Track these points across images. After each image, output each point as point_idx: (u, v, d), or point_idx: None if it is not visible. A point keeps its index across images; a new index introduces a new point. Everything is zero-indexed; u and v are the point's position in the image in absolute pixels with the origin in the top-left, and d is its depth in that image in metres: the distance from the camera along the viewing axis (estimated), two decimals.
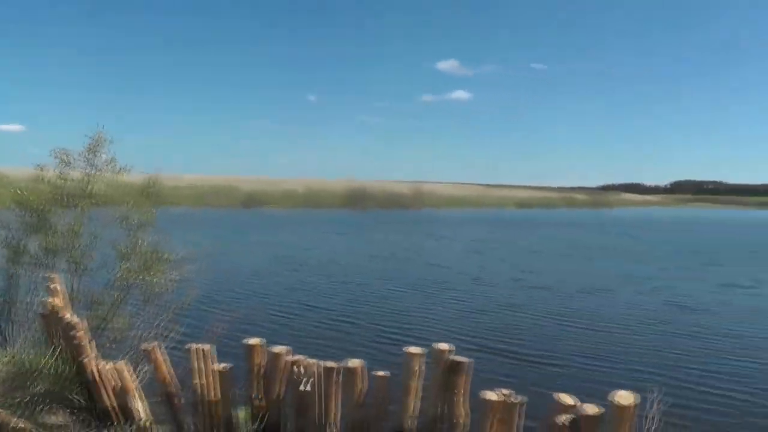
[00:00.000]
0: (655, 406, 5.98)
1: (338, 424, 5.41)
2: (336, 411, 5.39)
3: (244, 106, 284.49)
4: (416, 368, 5.06)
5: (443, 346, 4.95)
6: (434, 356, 4.96)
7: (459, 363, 4.87)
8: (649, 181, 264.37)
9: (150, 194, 9.74)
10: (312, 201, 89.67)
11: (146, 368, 6.88)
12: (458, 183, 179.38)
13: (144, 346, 6.38)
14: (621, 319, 17.67)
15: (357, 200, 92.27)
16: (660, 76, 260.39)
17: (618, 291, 22.81)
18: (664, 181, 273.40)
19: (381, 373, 5.26)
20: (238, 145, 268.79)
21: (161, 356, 6.09)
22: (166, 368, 6.07)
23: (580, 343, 14.75)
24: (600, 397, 4.15)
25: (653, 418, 5.71)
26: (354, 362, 5.33)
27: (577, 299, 20.67)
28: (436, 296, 20.74)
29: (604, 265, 31.21)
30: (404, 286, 22.58)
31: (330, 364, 5.41)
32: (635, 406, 3.93)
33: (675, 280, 25.93)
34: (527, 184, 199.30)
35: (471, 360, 4.93)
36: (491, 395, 4.43)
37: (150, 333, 8.30)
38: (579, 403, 4.09)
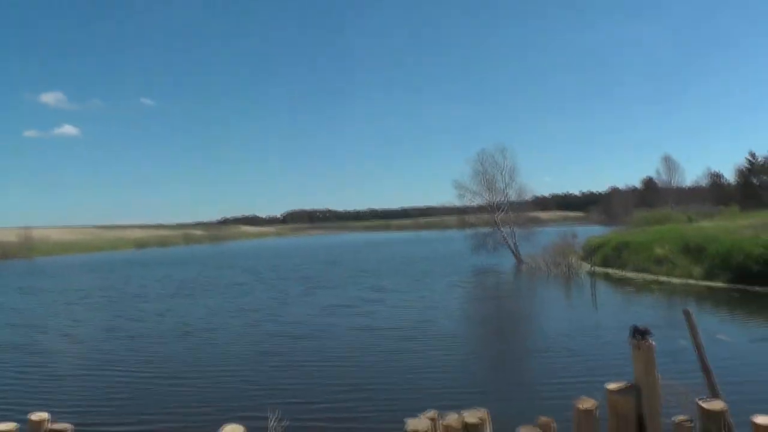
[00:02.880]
0: (274, 423, 6.71)
1: None
2: None
3: None
4: None
5: (40, 415, 4.29)
6: (31, 428, 4.28)
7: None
8: (264, 213, 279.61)
9: None
10: None
11: None
12: (71, 227, 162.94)
13: None
14: (222, 352, 17.41)
15: None
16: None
17: (220, 326, 22.15)
18: (278, 212, 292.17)
19: None
20: None
21: None
22: None
23: (188, 384, 13.81)
24: None
25: None
26: None
27: (181, 342, 19.28)
28: (19, 360, 17.32)
29: (212, 300, 30.17)
30: None
31: None
32: None
33: (285, 305, 26.87)
34: (144, 222, 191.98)
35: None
36: None
37: None
38: None
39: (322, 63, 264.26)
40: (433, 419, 4.23)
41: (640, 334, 5.26)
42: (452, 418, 4.19)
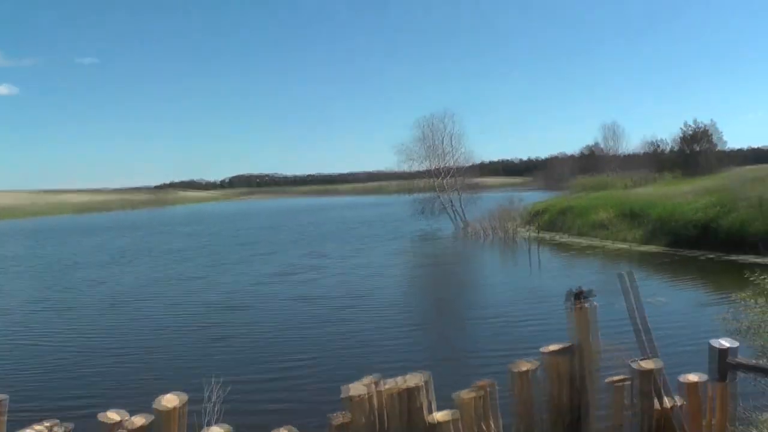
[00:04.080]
0: (214, 395, 6.82)
1: None
2: None
3: None
4: None
5: None
6: None
7: None
8: (207, 178, 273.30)
9: None
10: None
11: None
12: (7, 190, 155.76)
13: None
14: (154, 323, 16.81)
15: None
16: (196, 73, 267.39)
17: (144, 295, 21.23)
18: (221, 177, 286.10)
19: None
20: None
21: None
22: None
23: (122, 356, 13.31)
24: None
25: (214, 406, 6.54)
26: None
27: (114, 313, 18.39)
28: None
29: (148, 268, 28.68)
30: None
31: None
32: (182, 406, 3.91)
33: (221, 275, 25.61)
34: (84, 187, 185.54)
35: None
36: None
37: None
38: (127, 417, 3.90)
39: (264, 21, 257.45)
40: (371, 384, 4.15)
41: (576, 297, 5.39)
42: (391, 383, 4.17)
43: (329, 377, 10.71)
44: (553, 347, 4.62)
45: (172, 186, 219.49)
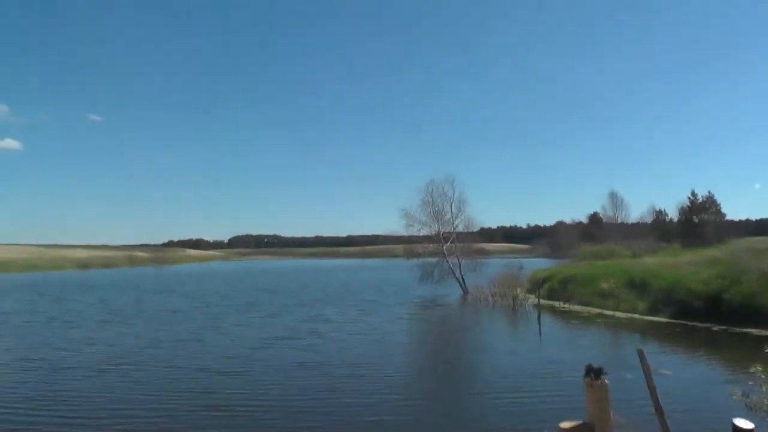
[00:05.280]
0: None
1: None
2: None
3: None
4: None
5: None
6: None
7: None
8: (211, 237, 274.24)
9: None
10: None
11: None
12: (11, 244, 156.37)
13: None
14: None
15: None
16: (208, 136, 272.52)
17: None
18: (225, 236, 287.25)
19: None
20: None
21: None
22: None
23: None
24: None
25: None
26: None
27: (102, 377, 18.03)
28: None
29: (144, 329, 29.08)
30: None
31: None
32: None
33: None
34: (88, 243, 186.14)
35: None
36: None
37: None
38: None
39: (272, 87, 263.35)
40: None
41: (594, 373, 5.44)
42: None
43: None
44: (569, 424, 4.55)
45: (176, 244, 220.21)
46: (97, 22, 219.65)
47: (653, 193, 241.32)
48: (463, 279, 43.86)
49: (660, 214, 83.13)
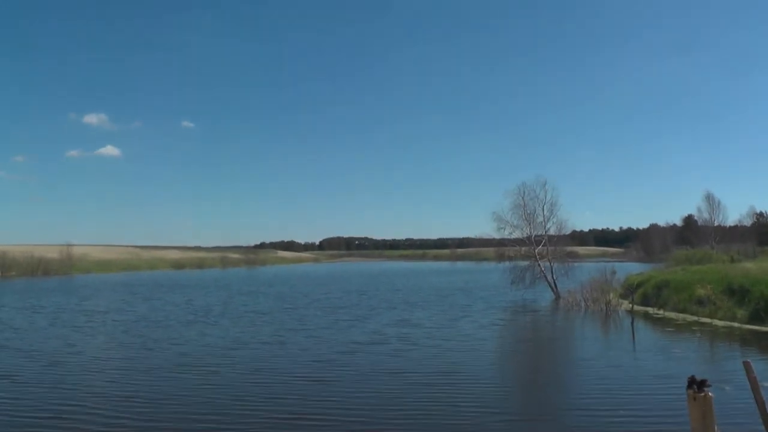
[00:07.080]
0: None
1: None
2: None
3: None
4: None
5: None
6: None
7: None
8: (302, 239, 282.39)
9: None
10: None
11: None
12: (111, 245, 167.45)
13: None
14: None
15: None
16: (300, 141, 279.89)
17: None
18: (316, 238, 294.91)
19: None
20: None
21: None
22: None
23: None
24: None
25: None
26: None
27: (179, 379, 19.62)
28: None
29: (231, 330, 30.94)
30: None
31: None
32: None
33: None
34: (182, 244, 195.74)
35: None
36: None
37: None
38: None
39: (360, 89, 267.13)
40: None
41: (697, 385, 5.46)
42: None
43: None
44: None
45: (268, 246, 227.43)
46: (185, 31, 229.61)
47: (753, 195, 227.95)
48: (555, 283, 43.96)
49: (761, 217, 79.09)
